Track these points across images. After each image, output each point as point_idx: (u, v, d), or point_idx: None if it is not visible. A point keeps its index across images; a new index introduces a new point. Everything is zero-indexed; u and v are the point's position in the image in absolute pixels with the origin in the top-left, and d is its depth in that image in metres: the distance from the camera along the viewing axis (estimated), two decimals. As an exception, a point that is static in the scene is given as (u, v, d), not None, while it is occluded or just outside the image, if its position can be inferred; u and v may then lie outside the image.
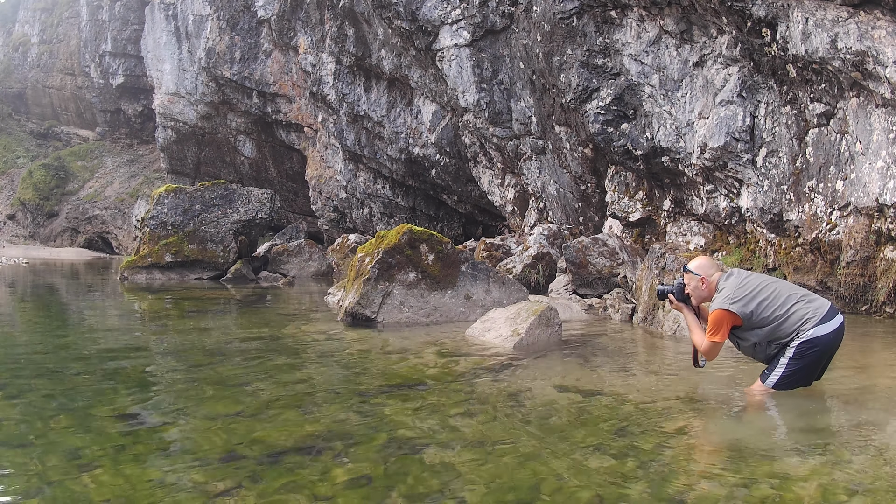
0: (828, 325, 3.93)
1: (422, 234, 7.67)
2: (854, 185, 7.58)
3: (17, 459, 3.14)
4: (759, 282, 4.11)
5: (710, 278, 4.21)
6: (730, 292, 4.05)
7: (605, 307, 8.53)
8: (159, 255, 14.59)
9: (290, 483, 2.80)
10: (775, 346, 4.02)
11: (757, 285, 4.06)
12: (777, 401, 4.06)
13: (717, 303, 4.08)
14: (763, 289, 4.05)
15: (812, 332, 3.90)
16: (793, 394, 4.18)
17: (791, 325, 3.94)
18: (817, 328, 3.91)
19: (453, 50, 14.17)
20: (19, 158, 37.83)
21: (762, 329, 4.00)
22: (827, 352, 3.99)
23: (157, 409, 4.05)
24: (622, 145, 10.78)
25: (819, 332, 3.90)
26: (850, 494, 2.66)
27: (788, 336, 3.96)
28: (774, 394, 4.02)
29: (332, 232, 22.32)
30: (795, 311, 3.96)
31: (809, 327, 3.91)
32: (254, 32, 23.51)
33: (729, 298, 4.02)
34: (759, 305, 3.98)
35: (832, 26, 7.26)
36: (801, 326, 3.92)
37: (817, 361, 4.00)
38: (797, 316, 3.94)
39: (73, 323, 8.59)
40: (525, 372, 4.96)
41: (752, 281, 4.11)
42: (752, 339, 4.06)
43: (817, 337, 3.91)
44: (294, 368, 5.23)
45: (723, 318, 4.01)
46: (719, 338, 4.04)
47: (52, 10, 39.04)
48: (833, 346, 4.01)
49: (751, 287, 4.05)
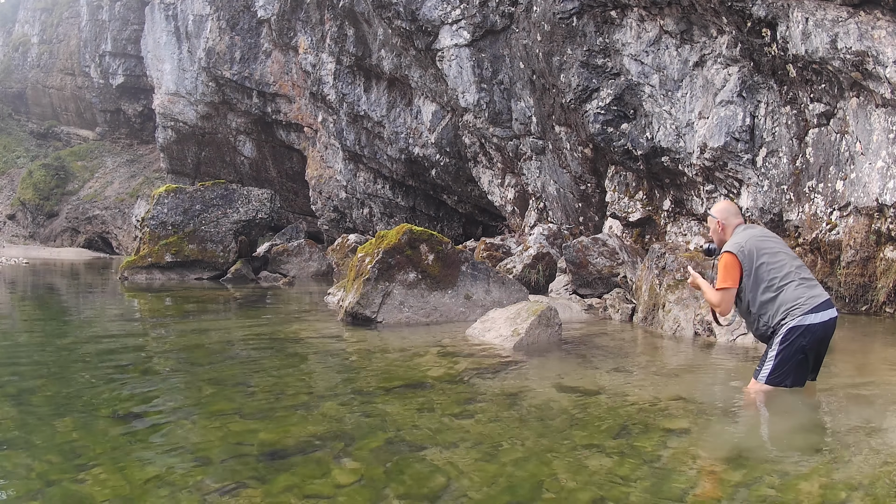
0: (819, 315, 3.90)
1: (422, 234, 7.67)
2: (854, 185, 7.58)
3: (17, 459, 3.14)
4: (772, 245, 4.11)
5: (725, 221, 4.29)
6: (740, 239, 4.11)
7: (605, 307, 8.53)
8: (159, 255, 14.60)
9: (290, 483, 2.80)
10: (764, 323, 4.02)
11: (769, 246, 4.08)
12: (777, 401, 4.06)
13: (725, 247, 4.14)
14: (773, 252, 4.06)
15: (801, 319, 3.89)
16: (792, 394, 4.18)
17: (783, 303, 3.94)
18: (807, 316, 3.89)
19: (453, 50, 14.17)
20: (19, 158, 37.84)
21: (756, 291, 4.02)
22: (816, 343, 3.96)
23: (157, 409, 4.04)
24: (622, 145, 10.78)
25: (808, 321, 3.88)
26: (850, 494, 2.66)
27: (778, 314, 3.96)
28: (774, 394, 4.01)
29: (332, 232, 22.33)
30: (792, 290, 3.95)
31: (800, 313, 3.90)
32: (254, 32, 23.51)
33: (738, 244, 4.07)
34: (764, 265, 4.00)
35: (832, 26, 7.25)
36: (791, 309, 3.92)
37: (806, 352, 3.96)
38: (792, 295, 3.93)
39: (73, 323, 8.59)
40: (525, 372, 4.96)
41: (766, 242, 4.12)
42: (745, 298, 4.09)
43: (806, 325, 3.88)
44: (294, 368, 5.23)
45: (728, 262, 4.04)
46: (729, 283, 4.03)
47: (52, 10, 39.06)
48: (822, 339, 3.97)
49: (762, 244, 4.08)
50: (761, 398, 4.04)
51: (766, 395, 4.04)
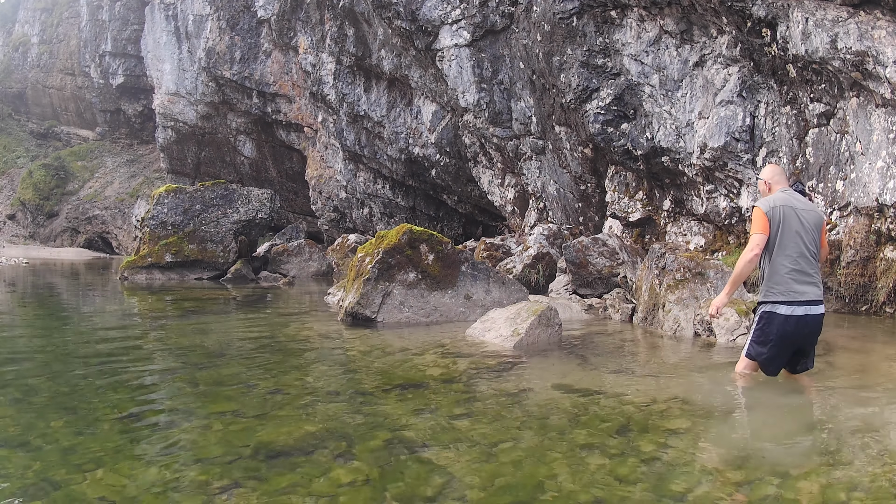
0: (792, 308, 4.07)
1: (422, 234, 7.67)
2: (854, 185, 7.58)
3: (17, 459, 3.14)
4: (796, 224, 4.17)
5: (769, 180, 4.43)
6: (775, 198, 4.25)
7: (605, 307, 8.53)
8: (159, 255, 14.60)
9: (290, 483, 2.80)
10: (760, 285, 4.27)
11: (793, 223, 4.16)
12: (777, 401, 4.06)
13: (759, 203, 4.30)
14: (792, 231, 4.15)
15: (773, 307, 4.11)
16: (792, 393, 4.18)
17: (770, 284, 4.15)
18: (781, 306, 4.08)
19: (453, 50, 14.16)
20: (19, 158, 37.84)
21: (767, 253, 4.19)
22: (786, 335, 4.12)
23: (157, 409, 4.04)
24: (622, 145, 10.78)
25: (781, 311, 4.08)
26: (850, 494, 2.66)
27: (762, 290, 4.21)
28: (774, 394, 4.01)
29: (332, 232, 22.33)
30: (782, 275, 4.12)
31: (778, 301, 4.09)
32: (254, 32, 23.51)
33: (769, 203, 4.22)
34: (780, 232, 4.14)
35: (832, 26, 7.25)
36: (772, 294, 4.12)
37: (778, 339, 4.13)
38: (785, 278, 4.11)
39: (73, 323, 8.59)
40: (525, 372, 4.96)
41: (794, 217, 4.18)
42: (759, 261, 4.27)
43: (774, 313, 4.10)
44: (294, 368, 5.23)
45: (756, 215, 4.23)
46: (759, 229, 4.17)
47: (52, 10, 39.06)
48: (795, 333, 4.12)
49: (789, 215, 4.17)
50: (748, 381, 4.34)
51: (752, 376, 4.34)
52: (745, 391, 4.35)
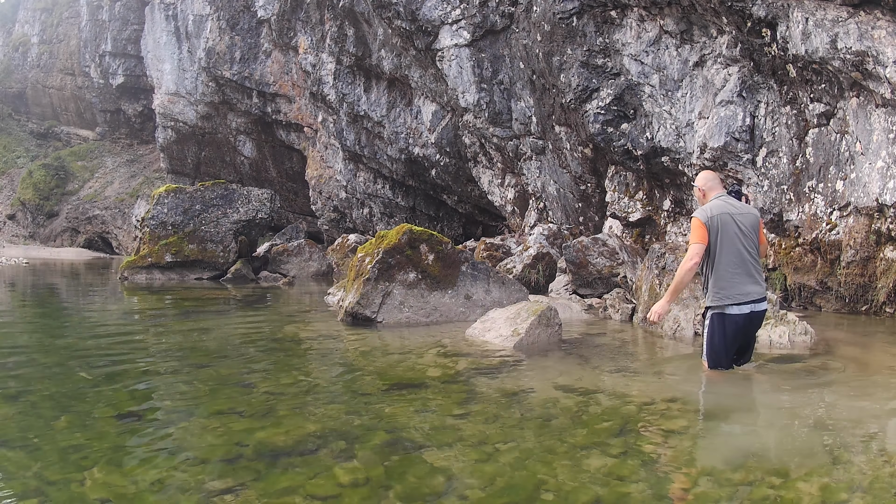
0: (740, 308, 4.43)
1: (422, 234, 7.67)
2: (854, 185, 7.58)
3: (17, 459, 3.14)
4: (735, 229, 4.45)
5: (704, 187, 4.67)
6: (712, 207, 4.50)
7: (605, 307, 8.53)
8: (159, 255, 14.60)
9: (290, 483, 2.80)
10: (706, 293, 4.55)
11: (731, 229, 4.43)
12: (776, 401, 4.06)
13: (696, 213, 4.53)
14: (731, 235, 4.42)
15: (724, 309, 4.43)
16: (792, 393, 4.18)
17: (717, 288, 4.42)
18: (732, 307, 4.41)
19: (453, 50, 14.16)
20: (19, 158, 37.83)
21: (709, 260, 4.45)
22: (738, 332, 4.51)
23: (157, 409, 4.05)
24: (622, 145, 10.78)
25: (729, 311, 4.43)
26: (850, 494, 2.66)
27: (710, 295, 4.47)
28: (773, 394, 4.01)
29: (332, 232, 22.33)
30: (728, 279, 4.40)
31: (727, 304, 4.42)
32: (254, 32, 23.51)
33: (706, 212, 4.47)
34: (719, 240, 4.40)
35: (832, 26, 7.25)
36: (720, 297, 4.42)
37: (731, 337, 4.50)
38: (731, 281, 4.38)
39: (73, 323, 8.59)
40: (525, 372, 4.96)
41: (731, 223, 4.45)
42: (701, 269, 4.53)
43: (724, 314, 4.44)
44: (294, 368, 5.23)
45: (696, 224, 4.45)
46: (697, 239, 4.41)
47: (52, 10, 39.04)
48: (744, 329, 4.52)
49: (727, 221, 4.44)
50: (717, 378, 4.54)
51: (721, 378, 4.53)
52: (744, 392, 4.35)
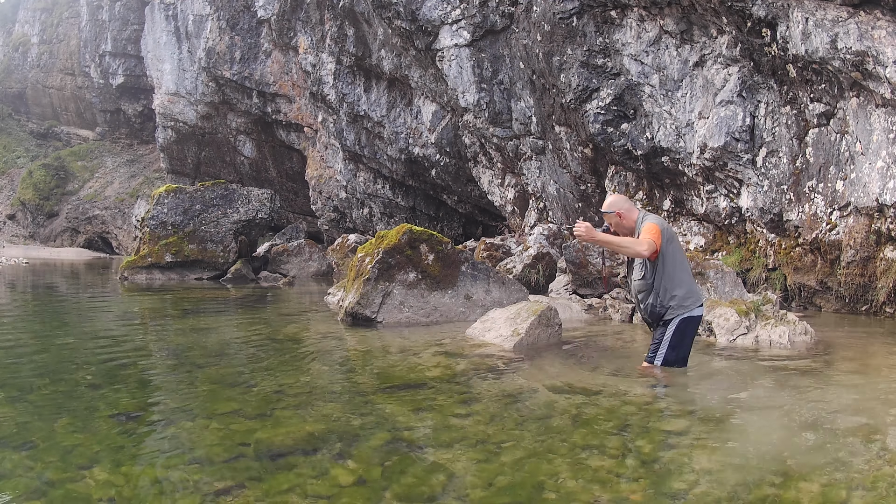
0: (701, 309, 4.66)
1: (422, 234, 7.67)
2: (854, 185, 7.58)
3: (17, 459, 3.14)
4: (677, 239, 4.74)
5: (627, 212, 4.64)
6: (659, 219, 4.60)
7: (605, 307, 8.53)
8: (159, 255, 14.59)
9: (290, 483, 2.80)
10: (660, 301, 4.56)
11: (676, 241, 4.67)
12: (776, 401, 4.06)
13: (650, 219, 4.56)
14: (677, 245, 4.64)
15: (694, 311, 4.59)
16: (791, 393, 4.18)
17: (683, 294, 4.52)
18: (698, 309, 4.61)
19: (453, 50, 14.16)
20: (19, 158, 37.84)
21: (661, 268, 4.51)
22: (696, 330, 4.75)
23: (157, 409, 4.05)
24: (622, 145, 10.78)
25: (695, 313, 4.61)
26: (850, 494, 2.66)
27: (674, 300, 4.52)
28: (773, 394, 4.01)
29: (332, 232, 22.33)
30: (689, 284, 4.60)
31: (694, 306, 4.58)
32: (254, 32, 23.50)
33: (660, 220, 4.58)
34: (672, 248, 4.53)
35: (832, 26, 7.25)
36: (687, 301, 4.54)
37: (692, 337, 4.71)
38: (691, 289, 4.58)
39: (73, 323, 8.59)
40: (525, 372, 4.96)
41: (675, 235, 4.71)
42: (647, 270, 4.56)
43: (698, 316, 4.64)
44: (294, 368, 5.23)
45: (652, 228, 4.47)
46: (654, 237, 4.43)
47: (52, 10, 39.04)
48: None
49: (672, 232, 4.67)
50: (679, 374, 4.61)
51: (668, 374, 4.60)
52: (744, 392, 4.35)
